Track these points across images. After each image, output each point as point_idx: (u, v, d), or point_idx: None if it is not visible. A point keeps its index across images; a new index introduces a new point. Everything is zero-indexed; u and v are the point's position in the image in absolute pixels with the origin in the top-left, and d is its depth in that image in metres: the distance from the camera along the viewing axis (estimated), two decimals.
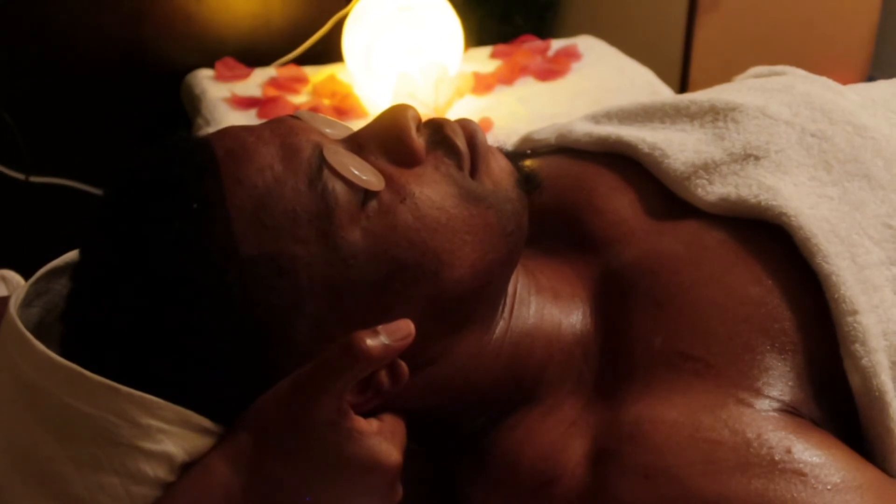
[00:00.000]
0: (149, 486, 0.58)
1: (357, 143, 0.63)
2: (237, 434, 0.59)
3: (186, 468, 0.59)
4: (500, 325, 0.67)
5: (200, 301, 0.57)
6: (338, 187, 0.59)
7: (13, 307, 0.62)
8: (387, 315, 0.60)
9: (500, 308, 0.67)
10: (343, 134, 0.65)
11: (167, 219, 0.58)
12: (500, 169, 0.65)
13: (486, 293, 0.64)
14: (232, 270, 0.57)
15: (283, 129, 0.62)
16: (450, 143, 0.64)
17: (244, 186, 0.58)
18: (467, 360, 0.65)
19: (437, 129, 0.65)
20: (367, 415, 0.60)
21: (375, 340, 0.57)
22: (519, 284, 0.69)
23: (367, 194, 0.60)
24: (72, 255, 0.67)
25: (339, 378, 0.57)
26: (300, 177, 0.59)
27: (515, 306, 0.68)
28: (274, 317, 0.58)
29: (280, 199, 0.58)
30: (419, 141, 0.63)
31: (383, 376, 0.60)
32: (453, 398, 0.65)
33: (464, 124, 0.65)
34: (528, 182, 0.67)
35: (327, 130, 0.64)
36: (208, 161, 0.59)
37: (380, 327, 0.58)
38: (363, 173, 0.60)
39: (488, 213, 0.63)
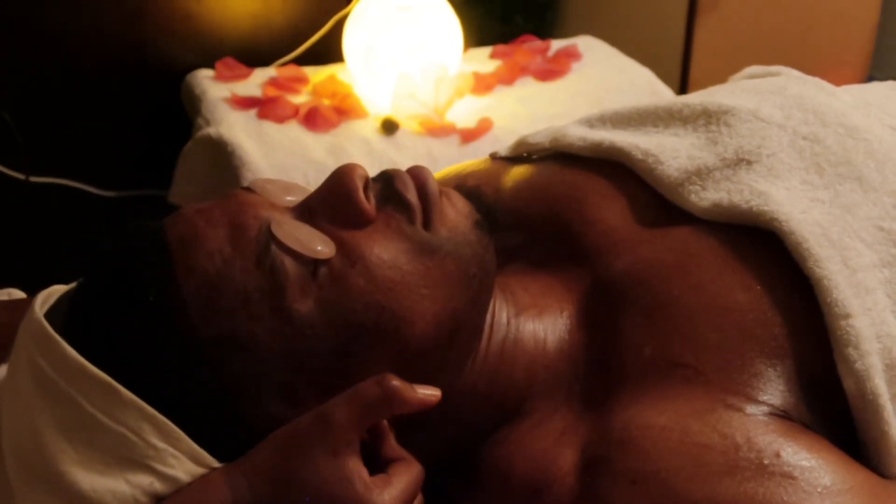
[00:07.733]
0: (154, 499, 0.58)
1: (308, 210, 0.64)
2: (246, 456, 0.60)
3: None
4: (478, 356, 0.67)
5: (172, 379, 0.59)
6: (286, 261, 0.60)
7: (39, 307, 0.62)
8: (356, 376, 0.60)
9: (476, 344, 0.67)
10: (302, 197, 0.65)
11: (128, 310, 0.59)
12: (456, 213, 0.65)
13: (455, 339, 0.64)
14: (193, 351, 0.59)
15: (233, 207, 0.62)
16: (399, 197, 0.63)
17: (196, 273, 0.59)
18: (444, 397, 0.64)
19: (386, 184, 0.64)
20: (376, 469, 0.60)
21: (406, 385, 0.59)
22: (497, 309, 0.69)
23: (317, 263, 0.60)
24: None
25: (363, 411, 0.58)
26: (248, 256, 0.60)
27: (493, 332, 0.68)
28: (243, 388, 0.59)
29: (231, 281, 0.59)
30: (367, 202, 0.63)
31: (364, 436, 0.60)
32: (432, 430, 0.65)
33: (414, 174, 0.65)
34: (489, 219, 0.67)
35: (288, 198, 0.64)
36: (161, 252, 0.60)
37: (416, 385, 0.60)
38: (312, 242, 0.61)
39: (446, 261, 0.63)
